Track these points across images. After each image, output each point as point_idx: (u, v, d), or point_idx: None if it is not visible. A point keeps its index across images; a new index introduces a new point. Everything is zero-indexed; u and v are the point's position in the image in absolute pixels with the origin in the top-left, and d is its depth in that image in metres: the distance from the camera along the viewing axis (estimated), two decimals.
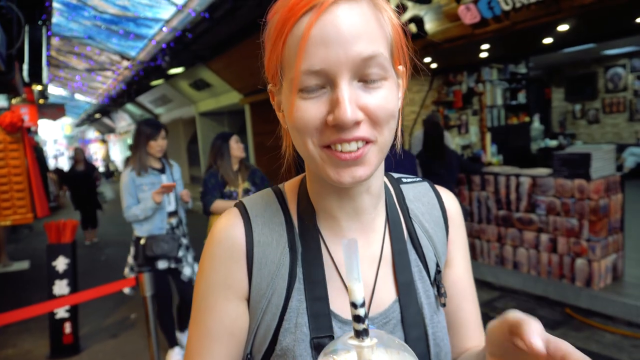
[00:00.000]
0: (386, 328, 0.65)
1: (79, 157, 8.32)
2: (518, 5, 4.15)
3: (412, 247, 0.72)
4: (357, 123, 0.54)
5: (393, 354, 0.48)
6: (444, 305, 0.71)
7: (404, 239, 0.71)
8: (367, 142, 0.56)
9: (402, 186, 0.77)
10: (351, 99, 0.53)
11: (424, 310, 0.68)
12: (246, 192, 3.44)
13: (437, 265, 0.73)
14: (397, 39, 0.60)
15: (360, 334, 0.45)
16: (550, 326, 3.69)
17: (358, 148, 0.55)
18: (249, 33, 7.06)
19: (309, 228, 0.67)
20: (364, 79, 0.55)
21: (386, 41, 0.57)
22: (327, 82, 0.54)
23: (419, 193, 0.77)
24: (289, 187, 0.73)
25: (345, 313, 0.65)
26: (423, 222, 0.74)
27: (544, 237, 4.27)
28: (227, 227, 0.66)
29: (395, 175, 0.80)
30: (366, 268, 0.68)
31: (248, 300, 0.65)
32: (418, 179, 0.80)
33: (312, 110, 0.55)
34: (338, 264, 0.67)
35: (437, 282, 0.72)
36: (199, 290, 0.66)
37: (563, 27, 4.57)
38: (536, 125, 9.43)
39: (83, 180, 8.08)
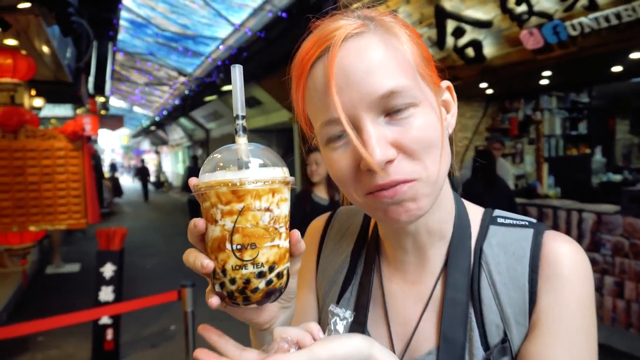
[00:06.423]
0: None
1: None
2: (587, 30, 3.92)
3: (470, 299, 0.60)
4: (389, 162, 0.50)
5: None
6: None
7: (464, 289, 0.60)
8: (406, 182, 0.52)
9: (492, 226, 0.63)
10: (379, 138, 0.50)
11: None
12: None
13: (505, 334, 0.57)
14: (424, 55, 0.56)
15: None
16: None
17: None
18: None
19: (372, 255, 0.68)
20: (389, 113, 0.51)
21: (408, 65, 0.53)
22: (351, 127, 0.52)
23: (509, 239, 0.61)
24: None
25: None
26: (494, 273, 0.59)
27: (609, 280, 3.92)
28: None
29: (499, 213, 0.66)
30: (411, 304, 0.62)
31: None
32: (524, 222, 0.62)
33: (343, 160, 0.54)
34: (386, 298, 0.66)
35: (491, 355, 0.56)
36: None
37: (636, 55, 4.28)
38: (598, 157, 8.88)
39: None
